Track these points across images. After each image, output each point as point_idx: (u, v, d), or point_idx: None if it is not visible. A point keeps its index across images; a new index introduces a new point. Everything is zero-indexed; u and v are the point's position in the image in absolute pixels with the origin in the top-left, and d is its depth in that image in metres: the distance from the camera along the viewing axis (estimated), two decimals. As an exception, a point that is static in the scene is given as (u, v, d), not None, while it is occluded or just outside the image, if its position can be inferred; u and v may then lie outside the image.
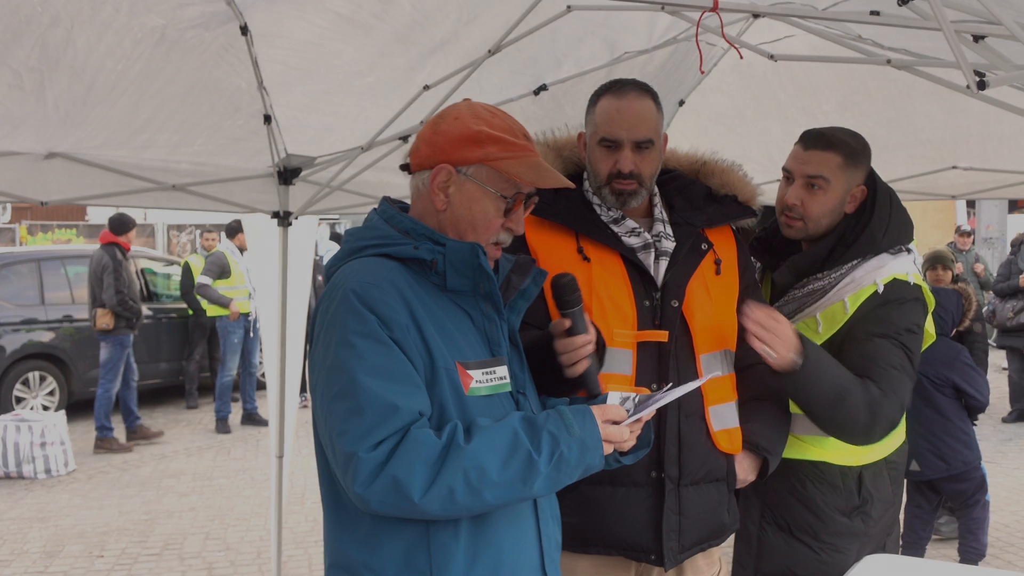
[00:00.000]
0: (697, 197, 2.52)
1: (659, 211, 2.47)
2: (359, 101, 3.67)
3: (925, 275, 5.99)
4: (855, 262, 2.64)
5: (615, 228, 2.41)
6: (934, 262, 6.51)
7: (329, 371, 1.66)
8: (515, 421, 1.66)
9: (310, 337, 1.78)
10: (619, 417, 1.74)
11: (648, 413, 1.79)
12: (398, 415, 1.60)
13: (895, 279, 2.62)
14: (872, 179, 2.73)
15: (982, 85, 1.81)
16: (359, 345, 1.64)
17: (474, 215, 1.80)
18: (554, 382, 1.97)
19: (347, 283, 1.70)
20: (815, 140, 2.71)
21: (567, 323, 1.93)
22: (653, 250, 2.40)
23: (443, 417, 1.68)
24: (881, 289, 2.59)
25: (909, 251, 2.73)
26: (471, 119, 1.80)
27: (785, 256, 2.79)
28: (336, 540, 1.77)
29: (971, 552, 4.99)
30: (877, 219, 2.66)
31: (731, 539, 2.67)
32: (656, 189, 2.49)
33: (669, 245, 2.41)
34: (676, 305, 2.36)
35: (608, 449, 1.72)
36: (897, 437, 2.80)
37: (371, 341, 1.64)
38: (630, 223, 2.41)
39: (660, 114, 2.42)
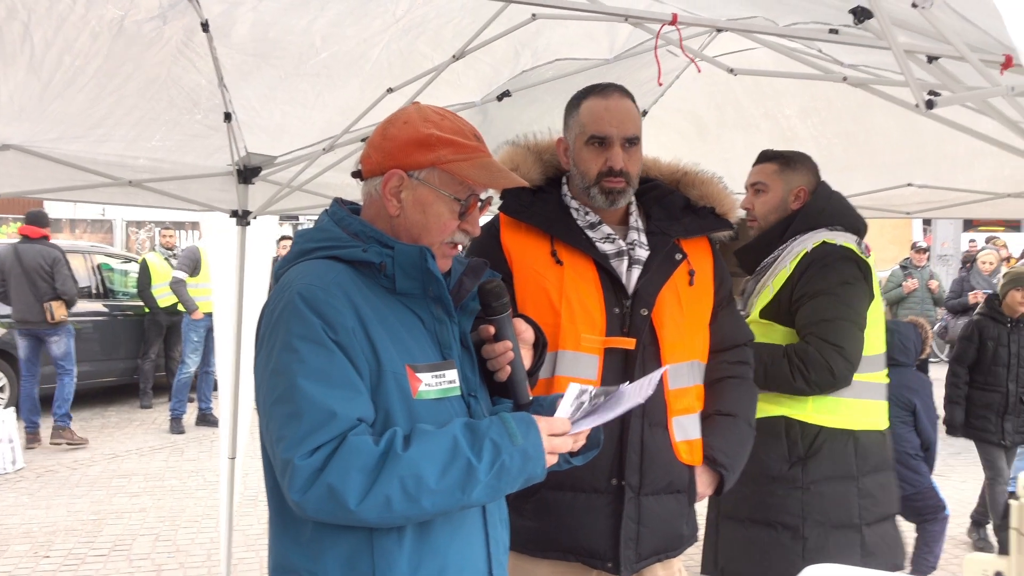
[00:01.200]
0: (675, 207, 2.53)
1: (635, 219, 2.48)
2: (314, 84, 3.64)
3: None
4: (796, 237, 3.11)
5: (590, 233, 2.42)
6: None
7: (271, 375, 1.65)
8: (456, 428, 1.65)
9: (257, 339, 1.76)
10: (563, 430, 1.72)
11: (596, 421, 1.78)
12: (335, 421, 1.58)
13: (823, 242, 3.04)
14: (819, 182, 3.23)
15: (931, 104, 1.84)
16: (301, 349, 1.62)
17: (428, 219, 1.78)
18: (492, 384, 1.96)
19: (293, 285, 1.69)
20: (759, 157, 3.30)
21: (491, 330, 1.90)
22: (626, 258, 2.40)
23: (389, 422, 1.67)
24: (809, 249, 3.02)
25: (857, 236, 3.15)
26: (420, 122, 1.78)
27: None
28: (280, 544, 1.76)
29: (924, 564, 5.04)
30: (812, 203, 3.15)
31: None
32: (633, 198, 2.50)
33: (643, 254, 2.42)
34: (645, 314, 2.37)
35: (552, 460, 1.71)
36: (870, 418, 3.04)
37: (313, 345, 1.62)
38: (605, 229, 2.42)
39: (639, 115, 2.45)
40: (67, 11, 2.82)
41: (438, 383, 1.75)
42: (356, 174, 1.87)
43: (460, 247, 1.86)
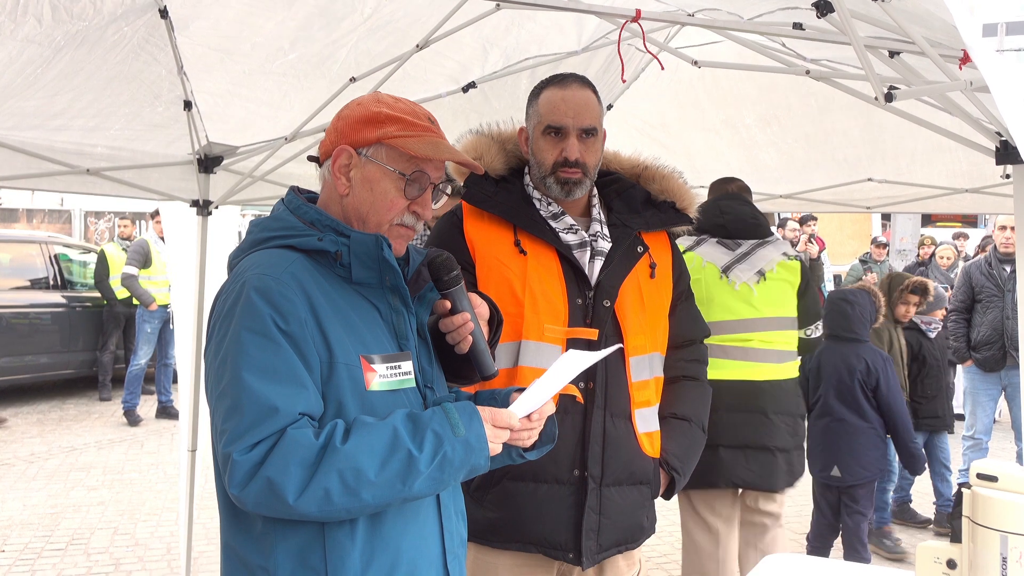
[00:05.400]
0: (636, 201, 2.54)
1: (597, 211, 2.48)
2: (281, 84, 3.61)
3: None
4: None
5: (553, 224, 2.42)
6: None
7: (219, 366, 1.63)
8: (397, 419, 1.63)
9: (208, 328, 1.74)
10: (507, 422, 1.71)
11: (541, 407, 1.76)
12: (277, 417, 1.57)
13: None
14: None
15: (889, 97, 1.86)
16: (248, 342, 1.60)
17: (375, 196, 1.77)
18: (455, 362, 1.95)
19: (246, 275, 1.67)
20: None
21: (447, 304, 1.89)
22: (589, 249, 2.41)
23: (342, 414, 1.65)
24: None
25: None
26: (372, 103, 1.79)
27: None
28: (231, 537, 1.73)
29: (859, 558, 5.07)
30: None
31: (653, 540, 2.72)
32: (595, 190, 2.51)
33: (605, 245, 2.42)
34: (608, 305, 2.37)
35: (496, 450, 1.70)
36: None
37: (260, 338, 1.60)
38: (568, 220, 2.42)
39: (601, 107, 2.45)
40: (33, 30, 2.78)
41: (393, 374, 1.73)
42: (313, 158, 1.86)
43: (415, 231, 1.84)
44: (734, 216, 3.84)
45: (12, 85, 3.12)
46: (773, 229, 6.25)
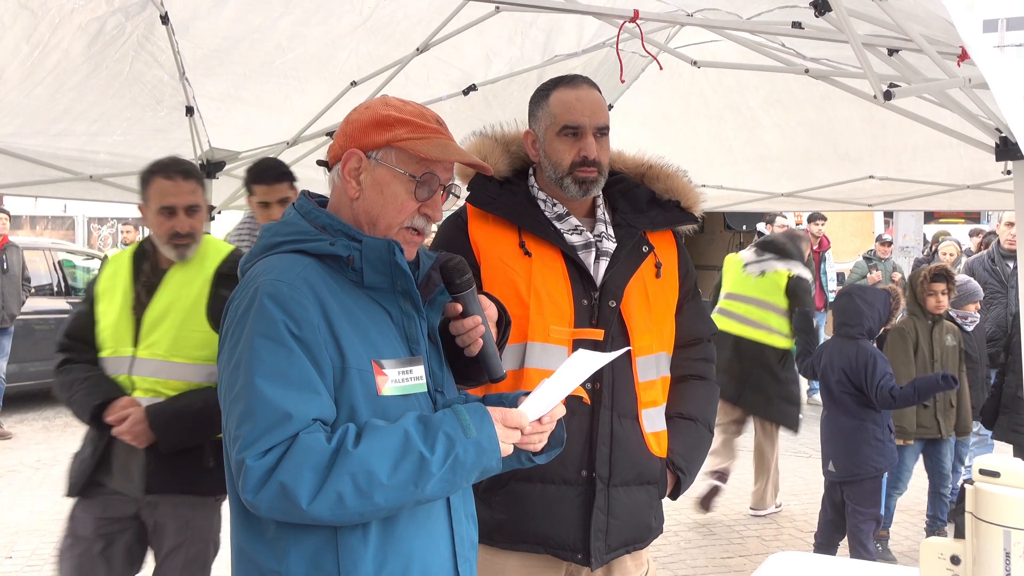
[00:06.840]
0: (641, 201, 2.53)
1: (602, 212, 2.47)
2: (282, 88, 3.62)
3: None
4: None
5: (558, 225, 2.41)
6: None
7: (232, 371, 1.63)
8: (409, 422, 1.63)
9: (221, 333, 1.74)
10: (517, 422, 1.70)
11: (550, 410, 1.76)
12: (290, 423, 1.57)
13: None
14: None
15: (888, 96, 1.87)
16: (261, 347, 1.60)
17: (385, 199, 1.77)
18: (463, 364, 1.95)
19: (258, 281, 1.67)
20: None
21: (459, 307, 1.88)
22: (594, 249, 2.40)
23: (354, 418, 1.65)
24: None
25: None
26: (381, 106, 1.80)
27: None
28: (243, 540, 1.72)
29: (863, 556, 5.04)
30: None
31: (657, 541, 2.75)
32: (599, 190, 2.51)
33: (610, 246, 2.42)
34: (614, 305, 2.37)
35: (507, 451, 1.70)
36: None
37: (274, 344, 1.60)
38: (573, 221, 2.42)
39: (607, 106, 2.46)
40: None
41: (404, 379, 1.73)
42: (323, 163, 1.86)
43: (424, 235, 1.84)
44: (769, 241, 6.33)
45: (9, 69, 3.10)
46: (762, 227, 10.78)
